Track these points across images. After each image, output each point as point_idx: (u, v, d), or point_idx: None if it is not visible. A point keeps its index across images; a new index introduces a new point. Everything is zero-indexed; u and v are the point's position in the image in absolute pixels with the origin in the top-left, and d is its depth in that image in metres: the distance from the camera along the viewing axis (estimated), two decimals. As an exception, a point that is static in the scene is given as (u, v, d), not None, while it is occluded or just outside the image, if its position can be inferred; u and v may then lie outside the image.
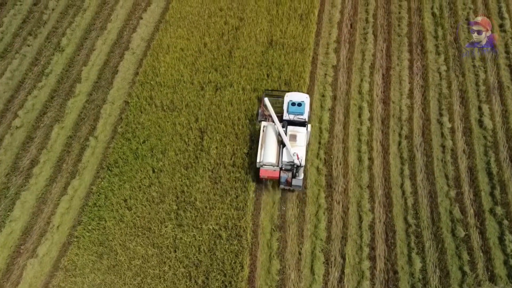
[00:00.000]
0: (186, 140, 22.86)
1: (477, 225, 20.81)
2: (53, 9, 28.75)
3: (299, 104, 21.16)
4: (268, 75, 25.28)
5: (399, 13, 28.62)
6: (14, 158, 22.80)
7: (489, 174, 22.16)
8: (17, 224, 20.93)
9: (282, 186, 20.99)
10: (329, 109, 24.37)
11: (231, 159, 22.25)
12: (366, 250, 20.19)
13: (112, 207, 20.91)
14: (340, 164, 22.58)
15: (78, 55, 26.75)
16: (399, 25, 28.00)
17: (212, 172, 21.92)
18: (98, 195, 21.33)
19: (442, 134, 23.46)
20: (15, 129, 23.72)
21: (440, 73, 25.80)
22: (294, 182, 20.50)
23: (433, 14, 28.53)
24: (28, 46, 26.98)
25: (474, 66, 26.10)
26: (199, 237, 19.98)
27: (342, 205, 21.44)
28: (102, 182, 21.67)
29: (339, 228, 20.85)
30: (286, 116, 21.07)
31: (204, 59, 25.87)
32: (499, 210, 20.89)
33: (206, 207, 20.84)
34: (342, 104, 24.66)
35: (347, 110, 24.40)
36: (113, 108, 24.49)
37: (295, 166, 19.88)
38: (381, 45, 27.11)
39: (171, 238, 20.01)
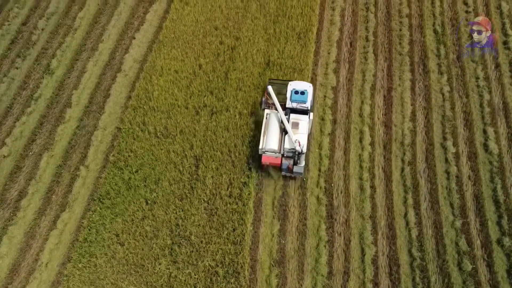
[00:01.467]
0: (181, 169, 21.97)
1: (484, 257, 20.00)
2: (42, 29, 27.80)
3: (302, 93, 21.34)
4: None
5: (400, 30, 27.77)
6: (1, 189, 21.88)
7: (496, 202, 21.34)
8: (4, 261, 20.00)
9: (283, 173, 21.25)
10: (329, 134, 23.50)
11: (227, 189, 21.37)
12: (370, 286, 19.36)
13: (103, 243, 20.00)
14: (341, 193, 21.72)
15: (69, 77, 25.80)
16: (400, 43, 27.15)
17: (208, 203, 21.04)
18: (89, 230, 20.41)
19: (446, 160, 22.62)
20: (2, 158, 22.79)
21: (443, 94, 24.97)
22: (295, 169, 20.78)
23: (435, 31, 27.70)
24: (17, 68, 26.04)
25: (478, 86, 25.28)
26: (195, 275, 19.10)
27: (344, 237, 20.58)
28: (93, 215, 20.76)
29: (340, 262, 20.00)
30: (289, 104, 21.24)
31: (199, 81, 24.97)
32: (507, 241, 20.09)
33: (202, 241, 19.96)
34: (342, 128, 23.80)
35: (347, 135, 23.54)
36: (104, 134, 23.57)
37: (297, 153, 20.18)
38: (382, 65, 26.26)
39: (166, 276, 19.12)
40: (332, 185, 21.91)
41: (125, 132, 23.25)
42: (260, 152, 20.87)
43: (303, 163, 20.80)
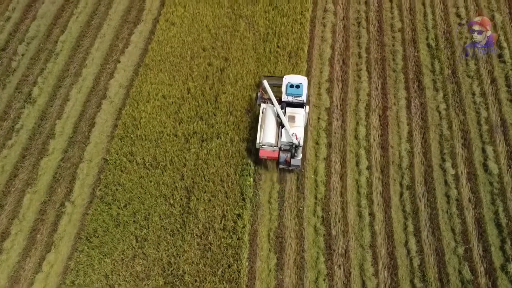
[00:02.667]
0: (172, 202, 21.03)
1: (489, 285, 19.34)
2: (22, 55, 26.66)
3: (297, 86, 21.44)
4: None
5: (393, 45, 27.08)
6: (-17, 230, 20.77)
7: (498, 225, 20.71)
8: (-13, 309, 18.93)
9: (281, 166, 21.52)
10: (325, 159, 22.71)
11: (221, 222, 20.49)
12: (372, 321, 18.60)
13: (92, 286, 18.98)
14: (339, 221, 20.94)
15: (51, 106, 24.71)
16: (393, 60, 26.46)
17: (201, 238, 20.13)
18: (77, 272, 19.40)
19: (446, 182, 21.95)
20: (-17, 196, 21.67)
21: (439, 112, 24.31)
22: (293, 162, 21.14)
23: (429, 46, 27.06)
24: (-4, 98, 24.91)
25: (474, 102, 24.67)
26: (190, 317, 18.19)
27: (344, 269, 19.80)
28: (81, 256, 19.75)
29: (341, 296, 19.21)
30: (284, 98, 21.42)
31: (188, 107, 24.04)
32: (510, 267, 19.44)
33: (195, 280, 19.05)
34: (338, 152, 23.02)
35: (343, 159, 22.76)
36: (90, 167, 22.54)
37: (294, 146, 20.55)
38: (376, 82, 25.54)
39: (159, 320, 18.19)
40: (330, 213, 21.13)
41: (112, 164, 22.24)
42: (257, 147, 21.09)
43: (300, 156, 21.27)
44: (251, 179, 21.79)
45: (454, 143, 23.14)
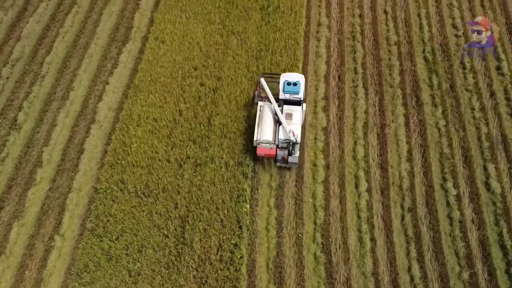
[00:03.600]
0: (166, 232, 20.22)
1: (496, 311, 18.76)
2: (7, 78, 25.68)
3: (295, 84, 21.72)
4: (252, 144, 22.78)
5: (389, 59, 26.45)
6: (-32, 268, 19.82)
7: (503, 247, 20.17)
8: None
9: (278, 164, 21.63)
10: (323, 181, 22.02)
11: (217, 253, 19.72)
12: None
13: (84, 326, 18.15)
14: (339, 248, 20.26)
15: (38, 132, 23.77)
16: (390, 74, 25.82)
17: (197, 271, 19.35)
18: (68, 311, 18.53)
19: (448, 203, 21.35)
20: (-33, 232, 20.72)
21: (439, 129, 23.71)
22: (290, 159, 21.21)
23: (425, 59, 26.47)
24: (-20, 125, 23.92)
25: (474, 117, 24.10)
26: None
27: (346, 299, 19.12)
28: (72, 294, 18.88)
29: (344, 328, 18.53)
30: (282, 96, 21.66)
31: (181, 130, 23.22)
32: (517, 292, 18.88)
33: (192, 317, 18.26)
34: (336, 174, 22.33)
35: (342, 181, 22.08)
36: (80, 196, 21.66)
37: (291, 143, 20.61)
38: (373, 99, 24.89)
39: None
40: (330, 239, 20.43)
41: (102, 193, 21.37)
42: (255, 144, 21.18)
43: (297, 153, 21.27)
44: (248, 206, 21.06)
45: (455, 162, 22.54)
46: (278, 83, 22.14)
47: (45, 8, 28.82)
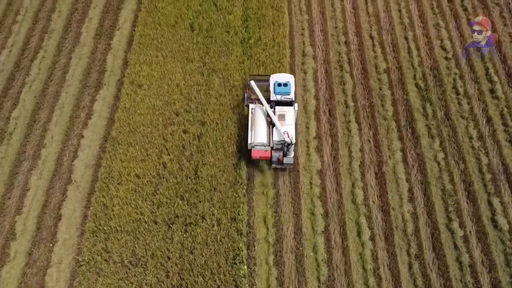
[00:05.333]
0: (158, 306, 18.49)
1: None
2: (-30, 138, 23.45)
3: (285, 85, 21.55)
4: (245, 196, 21.28)
5: (380, 89, 25.27)
6: None
7: (517, 291, 19.14)
8: None
9: (274, 165, 21.50)
10: (323, 232, 20.66)
11: (217, 325, 18.10)
12: None
13: None
14: (347, 307, 18.91)
15: (9, 198, 21.71)
16: (382, 105, 24.64)
17: None
18: None
19: (456, 246, 20.26)
20: None
21: (438, 163, 22.62)
22: (285, 160, 21.10)
23: (417, 86, 25.40)
24: None
25: (473, 147, 23.11)
26: None
27: None
28: None
29: None
30: (273, 97, 21.50)
31: (166, 185, 21.50)
32: None
33: None
34: (336, 222, 20.99)
35: (343, 229, 20.75)
36: (60, 270, 19.73)
37: (286, 144, 20.53)
38: (367, 134, 23.65)
39: None
40: (336, 298, 19.07)
41: (85, 266, 19.49)
42: (249, 147, 21.02)
43: (292, 154, 21.20)
44: (245, 267, 19.51)
45: (458, 198, 21.49)
46: (268, 85, 21.90)
47: (8, 55, 26.63)
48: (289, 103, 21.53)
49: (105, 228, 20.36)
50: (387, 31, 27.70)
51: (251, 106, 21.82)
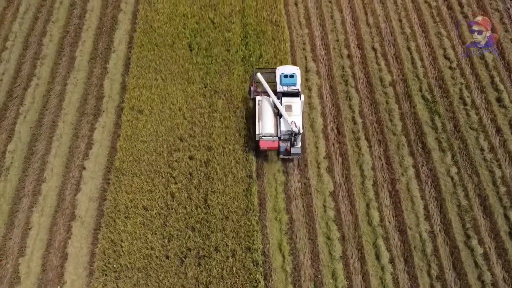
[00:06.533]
0: None
1: None
2: (-36, 176, 22.30)
3: (291, 76, 22.16)
4: (258, 223, 20.60)
5: (387, 103, 24.81)
6: None
7: (541, 307, 18.82)
8: None
9: (281, 156, 21.85)
10: (341, 257, 20.08)
11: None
12: None
13: None
14: (371, 335, 18.34)
15: (10, 239, 20.65)
16: (391, 120, 24.18)
17: None
18: None
19: (476, 264, 19.88)
20: None
21: (452, 177, 22.24)
22: (293, 150, 21.45)
23: (424, 98, 25.02)
24: None
25: (485, 159, 22.80)
26: None
27: None
28: None
29: None
30: (280, 88, 22.00)
31: (176, 216, 20.69)
32: None
33: None
34: (353, 245, 20.44)
35: (361, 253, 20.20)
36: (70, 315, 18.77)
37: (293, 134, 20.90)
38: (378, 151, 23.16)
39: None
40: (360, 326, 18.50)
41: (96, 309, 18.58)
42: (257, 138, 21.49)
43: (299, 144, 21.49)
44: (264, 299, 18.80)
45: (475, 214, 21.13)
46: (274, 77, 22.41)
47: (-1, 84, 25.50)
48: (295, 94, 21.95)
49: (115, 266, 19.47)
50: (389, 42, 27.27)
51: (258, 98, 22.34)
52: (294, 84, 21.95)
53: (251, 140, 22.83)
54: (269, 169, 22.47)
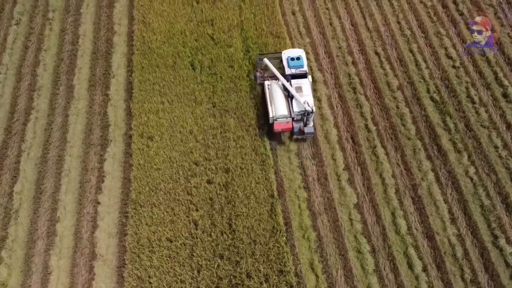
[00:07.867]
0: None
1: None
2: (-28, 223, 21.03)
3: (298, 58, 23.17)
4: (286, 243, 20.16)
5: (398, 108, 24.77)
6: None
7: None
8: None
9: (295, 136, 22.59)
10: (374, 270, 19.88)
11: None
12: None
13: None
14: None
15: (30, 286, 19.59)
16: (403, 125, 24.13)
17: None
18: None
19: (507, 263, 20.02)
20: None
21: (471, 178, 22.34)
22: (306, 130, 22.26)
23: (433, 100, 25.06)
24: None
25: (500, 156, 23.01)
26: None
27: None
28: None
29: None
30: (288, 71, 22.94)
31: (202, 245, 20.05)
32: None
33: None
34: (384, 257, 20.27)
35: (393, 264, 20.05)
36: None
37: (306, 113, 21.64)
38: (395, 158, 23.07)
39: None
40: None
41: None
42: (271, 121, 22.07)
43: (311, 123, 22.28)
44: (304, 323, 18.40)
45: (498, 213, 21.27)
46: (281, 61, 23.40)
47: (-4, 121, 24.22)
48: (303, 75, 22.77)
49: (145, 304, 18.70)
50: (391, 46, 27.25)
51: (266, 82, 23.01)
52: (302, 66, 22.93)
53: (268, 158, 22.35)
54: (289, 186, 22.09)
